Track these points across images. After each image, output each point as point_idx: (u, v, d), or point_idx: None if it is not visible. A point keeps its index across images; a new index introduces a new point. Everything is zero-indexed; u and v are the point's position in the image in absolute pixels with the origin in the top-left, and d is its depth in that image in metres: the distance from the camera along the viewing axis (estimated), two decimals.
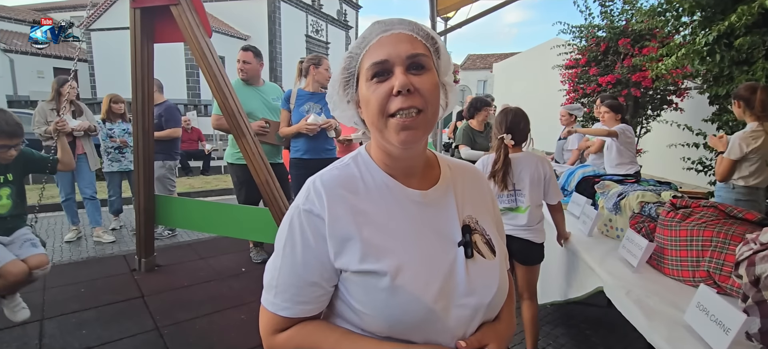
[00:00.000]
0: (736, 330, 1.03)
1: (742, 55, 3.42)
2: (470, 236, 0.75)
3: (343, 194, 0.71)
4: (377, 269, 0.67)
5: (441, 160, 0.82)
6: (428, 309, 0.66)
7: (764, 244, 1.13)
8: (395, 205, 0.72)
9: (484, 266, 0.74)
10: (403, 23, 0.69)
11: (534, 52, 14.19)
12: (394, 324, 0.67)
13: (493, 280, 0.73)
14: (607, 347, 2.45)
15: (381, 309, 0.67)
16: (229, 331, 2.40)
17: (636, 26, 5.55)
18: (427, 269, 0.69)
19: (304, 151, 3.11)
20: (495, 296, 0.73)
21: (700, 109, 4.52)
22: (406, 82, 0.65)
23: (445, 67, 0.74)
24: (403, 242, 0.70)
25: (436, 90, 0.68)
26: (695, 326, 1.17)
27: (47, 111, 3.78)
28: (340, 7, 24.75)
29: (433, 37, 0.71)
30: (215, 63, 2.48)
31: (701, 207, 1.57)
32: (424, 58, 0.67)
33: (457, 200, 0.77)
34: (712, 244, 1.44)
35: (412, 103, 0.65)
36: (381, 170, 0.74)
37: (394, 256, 0.68)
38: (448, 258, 0.71)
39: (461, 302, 0.70)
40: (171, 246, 4.04)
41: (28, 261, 2.13)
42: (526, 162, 2.03)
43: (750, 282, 1.12)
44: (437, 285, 0.68)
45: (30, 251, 2.21)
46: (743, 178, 2.68)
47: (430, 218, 0.73)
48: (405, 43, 0.67)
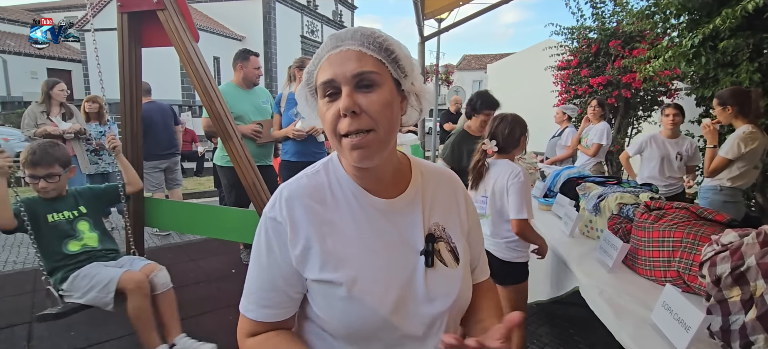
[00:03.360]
0: (695, 328, 1.07)
1: (727, 58, 3.48)
2: (433, 244, 0.75)
3: (309, 204, 0.72)
4: (334, 279, 0.69)
5: (414, 166, 0.81)
6: (383, 319, 0.68)
7: (725, 245, 1.17)
8: (361, 213, 0.72)
9: (445, 274, 0.74)
10: (355, 37, 0.67)
11: (527, 54, 14.22)
12: (352, 332, 0.69)
13: (453, 288, 0.74)
14: (589, 345, 2.49)
15: (339, 317, 0.69)
16: (218, 332, 2.42)
17: (626, 28, 5.61)
18: (385, 279, 0.70)
19: (293, 154, 3.20)
20: (454, 304, 0.74)
21: (689, 111, 4.57)
22: (351, 104, 0.64)
23: (411, 74, 0.71)
24: (364, 252, 0.71)
25: (386, 107, 0.66)
26: (660, 325, 1.20)
27: (37, 113, 3.78)
28: (335, 7, 24.77)
29: (388, 48, 0.68)
30: (202, 67, 2.50)
31: (674, 209, 1.61)
32: (372, 76, 0.65)
33: (424, 208, 0.77)
34: (682, 245, 1.47)
35: (359, 125, 0.64)
36: (349, 178, 0.74)
37: (353, 266, 0.69)
38: (409, 267, 0.72)
39: (420, 311, 0.71)
40: (161, 248, 4.05)
41: (142, 270, 2.10)
42: (499, 171, 1.96)
43: (712, 282, 1.16)
44: (394, 295, 0.69)
45: (140, 263, 2.19)
46: (732, 178, 2.71)
47: (394, 226, 0.74)
48: (352, 62, 0.65)
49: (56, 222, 2.11)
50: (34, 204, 2.10)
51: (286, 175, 3.23)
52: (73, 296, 2.01)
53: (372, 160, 0.67)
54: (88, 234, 2.20)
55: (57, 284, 2.05)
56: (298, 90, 0.76)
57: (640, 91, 5.62)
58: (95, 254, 2.16)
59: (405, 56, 0.70)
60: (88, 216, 2.24)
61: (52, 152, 2.11)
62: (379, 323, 0.68)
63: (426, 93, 0.75)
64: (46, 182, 2.09)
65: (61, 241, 2.10)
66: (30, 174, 2.07)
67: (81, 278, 2.01)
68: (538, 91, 8.23)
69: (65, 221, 2.14)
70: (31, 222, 2.02)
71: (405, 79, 0.71)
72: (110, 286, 1.95)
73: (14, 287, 3.05)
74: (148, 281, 2.05)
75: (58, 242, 2.09)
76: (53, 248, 2.08)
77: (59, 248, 2.09)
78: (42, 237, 2.08)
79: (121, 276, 1.97)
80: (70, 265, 2.07)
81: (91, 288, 1.98)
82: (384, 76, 0.67)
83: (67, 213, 2.16)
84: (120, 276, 1.97)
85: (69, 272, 2.04)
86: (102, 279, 1.98)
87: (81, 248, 2.14)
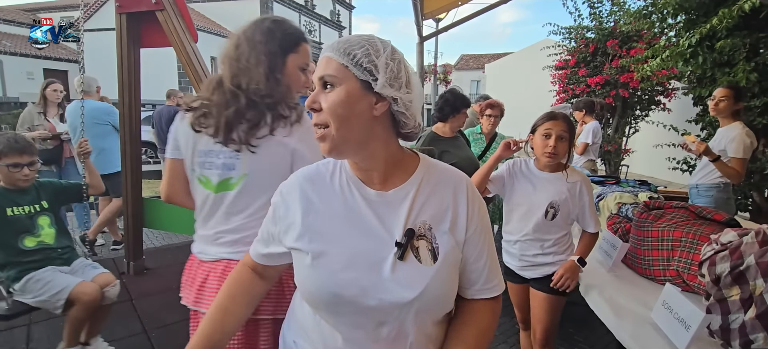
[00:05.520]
0: (696, 327, 1.08)
1: (724, 57, 3.49)
2: (412, 240, 0.77)
3: (304, 184, 0.84)
4: (303, 248, 0.79)
5: (422, 166, 0.83)
6: (334, 293, 0.75)
7: (724, 244, 1.17)
8: (351, 200, 0.80)
9: (415, 269, 0.76)
10: (332, 46, 0.76)
11: (525, 53, 14.29)
12: (312, 299, 0.80)
13: (419, 283, 0.75)
14: (589, 344, 2.50)
15: (303, 283, 0.80)
16: None
17: (624, 28, 5.63)
18: (349, 258, 0.77)
19: None
20: (418, 299, 0.75)
21: (687, 110, 4.60)
22: (310, 101, 0.75)
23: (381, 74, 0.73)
24: (340, 232, 0.79)
25: (340, 105, 0.73)
26: (660, 324, 1.21)
27: (34, 114, 3.77)
28: (333, 7, 24.75)
29: (350, 52, 0.73)
30: (201, 68, 2.50)
31: (673, 208, 1.62)
32: (331, 78, 0.74)
33: (415, 205, 0.79)
34: (681, 244, 1.48)
35: (317, 120, 0.76)
36: (350, 170, 0.83)
37: (325, 241, 0.79)
38: (379, 254, 0.77)
39: (379, 296, 0.75)
40: (160, 249, 4.04)
41: (96, 280, 2.07)
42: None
43: (712, 281, 1.17)
44: (352, 275, 0.76)
45: (93, 272, 2.15)
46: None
47: (380, 216, 0.79)
48: (321, 66, 0.75)
49: (16, 217, 2.06)
50: None
51: None
52: (23, 297, 2.01)
53: (334, 153, 0.76)
54: (47, 230, 2.15)
55: (9, 282, 2.03)
56: None
57: (637, 90, 5.65)
58: (50, 254, 2.12)
59: (368, 59, 0.73)
60: (49, 211, 2.18)
61: (31, 142, 2.11)
62: (330, 296, 0.76)
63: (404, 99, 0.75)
64: (30, 170, 2.06)
65: (17, 236, 2.05)
66: (12, 162, 2.01)
67: (34, 281, 2.00)
68: (535, 91, 8.27)
69: (26, 216, 2.09)
70: None
71: (374, 81, 0.73)
72: (62, 294, 1.96)
73: None
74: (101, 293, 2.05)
75: (15, 237, 2.04)
76: (8, 243, 2.03)
77: (14, 243, 2.04)
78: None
79: (74, 287, 1.98)
80: (23, 263, 2.04)
81: (42, 293, 1.98)
82: (343, 78, 0.73)
83: (28, 207, 2.11)
84: (73, 286, 1.98)
85: (23, 272, 2.02)
86: (55, 286, 1.98)
87: (37, 244, 2.09)
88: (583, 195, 1.60)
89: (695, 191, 2.81)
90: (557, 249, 1.67)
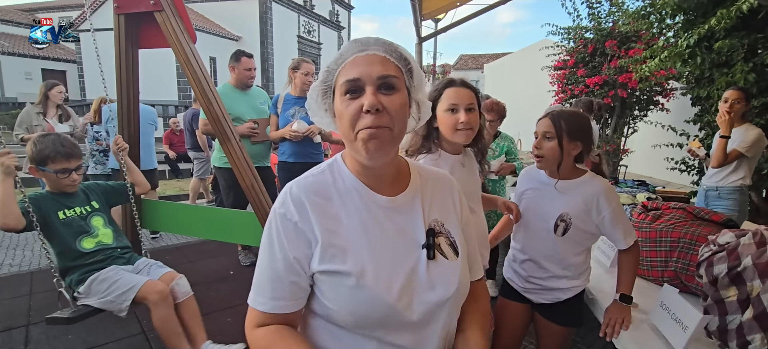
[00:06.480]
0: (693, 328, 1.08)
1: (722, 58, 3.50)
2: (434, 238, 0.80)
3: (314, 200, 0.77)
4: (343, 270, 0.73)
5: (412, 168, 0.87)
6: (390, 306, 0.73)
7: (722, 245, 1.18)
8: (363, 209, 0.78)
9: (445, 265, 0.80)
10: (378, 44, 0.74)
11: (524, 53, 14.31)
12: (359, 319, 0.74)
13: (453, 278, 0.80)
14: (587, 345, 2.50)
15: (347, 306, 0.74)
16: (215, 334, 2.41)
17: (623, 28, 5.64)
18: (390, 269, 0.75)
19: (290, 155, 3.21)
20: (455, 293, 0.79)
21: (686, 110, 4.60)
22: (375, 101, 0.69)
23: (419, 85, 0.80)
24: (369, 244, 0.76)
25: (403, 109, 0.73)
26: (658, 324, 1.21)
27: (33, 115, 3.77)
28: (332, 7, 24.73)
29: (406, 58, 0.76)
30: (200, 69, 2.49)
31: (671, 209, 1.62)
32: (394, 80, 0.72)
33: (424, 205, 0.83)
34: (679, 245, 1.49)
35: (380, 121, 0.70)
36: (353, 177, 0.79)
37: (360, 257, 0.74)
38: (412, 259, 0.78)
39: (423, 299, 0.76)
40: (158, 250, 4.04)
41: (164, 279, 2.00)
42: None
43: (709, 282, 1.17)
44: (399, 284, 0.75)
45: (159, 271, 2.07)
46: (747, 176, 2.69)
47: (396, 222, 0.79)
48: (377, 65, 0.72)
49: (69, 218, 2.00)
50: (42, 201, 1.96)
51: (284, 176, 3.22)
52: (88, 300, 1.92)
53: (382, 155, 0.73)
54: (103, 230, 2.08)
55: (72, 286, 1.95)
56: (312, 87, 0.80)
57: (636, 91, 5.65)
58: (111, 254, 2.05)
59: (418, 69, 0.79)
60: (101, 211, 2.13)
61: (77, 144, 2.04)
62: (385, 310, 0.73)
63: (426, 104, 0.83)
64: (77, 174, 1.99)
65: (74, 238, 1.98)
66: (61, 167, 1.94)
67: (100, 281, 1.92)
68: (534, 91, 8.27)
69: (78, 217, 2.02)
70: (41, 220, 1.90)
71: (414, 89, 0.79)
72: (129, 294, 1.86)
73: (11, 289, 3.03)
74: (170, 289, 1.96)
75: (72, 239, 1.97)
76: (67, 246, 1.96)
77: (74, 246, 1.97)
78: (54, 235, 1.96)
79: (143, 285, 1.88)
80: (86, 265, 1.96)
81: (109, 292, 1.89)
82: (401, 82, 0.74)
83: (79, 209, 2.05)
84: (142, 285, 1.88)
85: (86, 274, 1.94)
86: (122, 285, 1.89)
87: (96, 244, 2.02)
88: (602, 207, 1.34)
89: (714, 193, 2.76)
90: (572, 273, 1.44)
